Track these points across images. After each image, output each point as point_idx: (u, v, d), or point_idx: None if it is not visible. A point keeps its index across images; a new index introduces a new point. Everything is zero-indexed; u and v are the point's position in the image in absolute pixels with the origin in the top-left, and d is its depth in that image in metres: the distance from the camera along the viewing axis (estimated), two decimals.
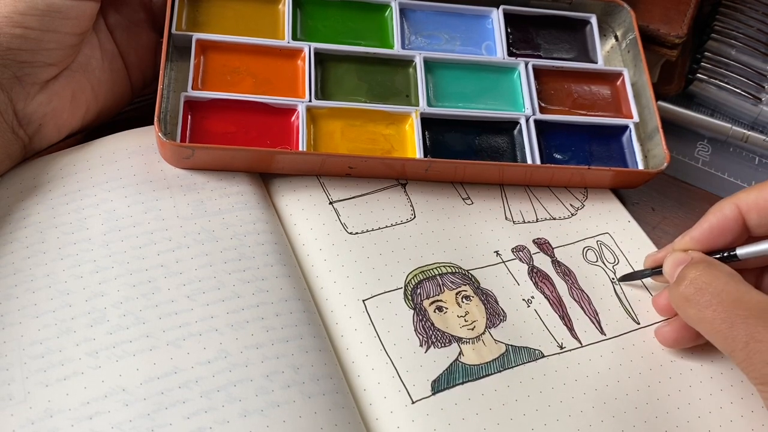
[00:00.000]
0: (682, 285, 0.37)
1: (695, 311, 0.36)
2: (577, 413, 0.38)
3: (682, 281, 0.37)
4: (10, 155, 0.42)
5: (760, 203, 0.38)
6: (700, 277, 0.37)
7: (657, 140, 0.48)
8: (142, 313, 0.38)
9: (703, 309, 0.36)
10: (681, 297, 0.37)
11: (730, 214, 0.39)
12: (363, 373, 0.39)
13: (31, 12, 0.40)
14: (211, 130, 0.44)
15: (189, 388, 0.35)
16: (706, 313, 0.36)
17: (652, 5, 0.53)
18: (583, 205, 0.48)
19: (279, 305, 0.39)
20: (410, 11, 0.51)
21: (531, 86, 0.49)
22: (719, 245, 0.39)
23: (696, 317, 0.36)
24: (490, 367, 0.39)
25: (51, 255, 0.39)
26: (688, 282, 0.37)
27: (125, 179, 0.43)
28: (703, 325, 0.36)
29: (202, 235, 0.41)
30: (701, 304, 0.36)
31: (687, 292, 0.37)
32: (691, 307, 0.37)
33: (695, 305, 0.36)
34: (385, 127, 0.46)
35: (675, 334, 0.40)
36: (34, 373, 0.35)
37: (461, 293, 0.42)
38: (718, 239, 0.39)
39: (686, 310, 0.37)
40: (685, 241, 0.40)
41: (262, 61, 0.47)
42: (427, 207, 0.46)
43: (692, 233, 0.40)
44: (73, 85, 0.44)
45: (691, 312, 0.37)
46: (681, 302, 0.37)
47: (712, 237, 0.39)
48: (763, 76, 0.56)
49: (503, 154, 0.47)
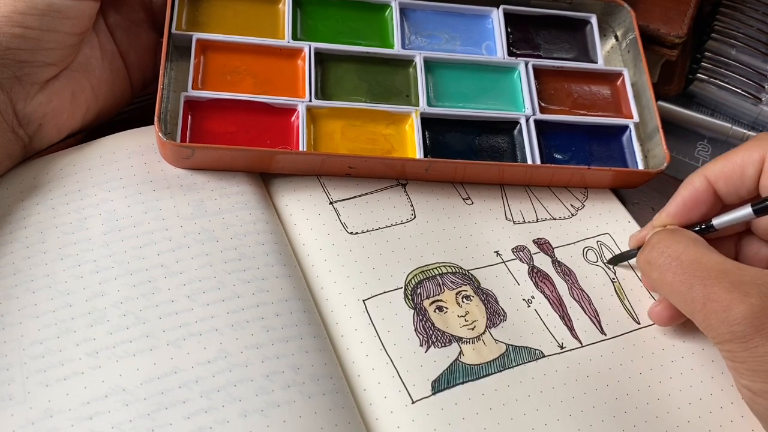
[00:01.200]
0: (645, 250, 0.39)
1: (657, 274, 0.38)
2: (577, 413, 0.38)
3: (646, 246, 0.39)
4: (10, 155, 0.42)
5: (726, 172, 0.39)
6: (661, 242, 0.38)
7: (657, 140, 0.48)
8: (142, 313, 0.38)
9: (664, 272, 0.37)
10: (644, 261, 0.39)
11: (700, 185, 0.40)
12: (363, 373, 0.38)
13: (31, 12, 0.40)
14: (211, 130, 0.44)
15: (189, 388, 0.35)
16: (666, 275, 0.37)
17: (652, 5, 0.53)
18: (583, 205, 0.48)
19: (279, 305, 0.39)
20: (410, 11, 0.51)
21: (531, 86, 0.49)
22: (695, 217, 0.40)
23: (658, 280, 0.38)
24: (490, 367, 0.39)
25: (51, 255, 0.39)
26: (651, 246, 0.38)
27: (125, 179, 0.43)
28: (664, 288, 0.38)
29: (202, 235, 0.41)
30: (662, 267, 0.37)
31: (650, 256, 0.38)
32: (653, 271, 0.38)
33: (657, 268, 0.38)
34: (385, 127, 0.46)
35: (667, 312, 0.41)
36: (34, 373, 0.35)
37: (461, 293, 0.42)
38: (693, 211, 0.40)
39: (650, 273, 0.38)
40: (662, 217, 0.41)
41: (263, 60, 0.47)
42: (428, 207, 0.46)
43: (668, 209, 0.41)
44: (73, 85, 0.43)
45: (654, 275, 0.38)
46: (644, 266, 0.39)
47: (686, 209, 0.40)
48: (763, 76, 0.56)
49: (503, 154, 0.47)
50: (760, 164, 0.38)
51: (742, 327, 0.33)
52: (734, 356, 0.35)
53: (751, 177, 0.38)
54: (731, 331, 0.34)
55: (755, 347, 0.33)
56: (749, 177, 0.38)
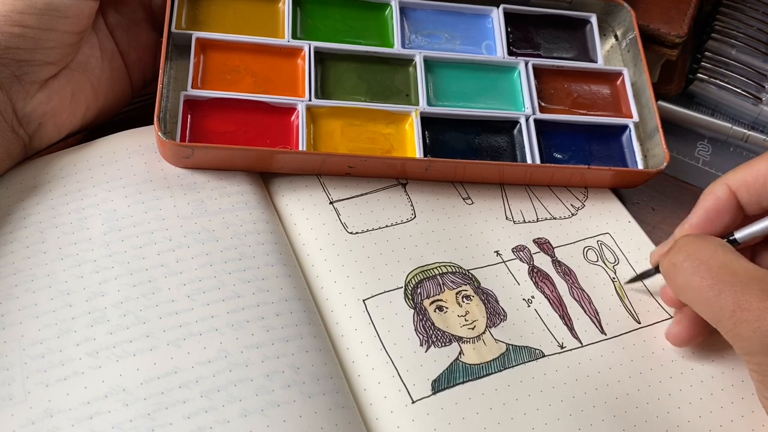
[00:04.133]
0: (671, 253, 0.37)
1: (683, 278, 0.36)
2: (577, 412, 0.38)
3: (672, 250, 0.37)
4: (10, 154, 0.42)
5: (748, 180, 0.38)
6: (689, 245, 0.36)
7: (657, 140, 0.48)
8: (142, 312, 0.38)
9: (691, 276, 0.35)
10: (669, 264, 0.37)
11: (723, 195, 0.39)
12: (363, 373, 0.38)
13: (30, 11, 0.40)
14: (211, 129, 0.44)
15: (189, 387, 0.35)
16: (693, 280, 0.35)
17: (653, 4, 0.53)
18: (583, 205, 0.48)
19: (279, 305, 0.39)
20: (410, 10, 0.51)
21: (531, 85, 0.49)
22: (718, 228, 0.39)
23: (683, 284, 0.36)
24: (490, 367, 0.39)
25: (51, 255, 0.39)
26: (677, 250, 0.37)
27: (125, 179, 0.43)
28: (689, 294, 0.36)
29: (203, 234, 0.41)
30: (689, 270, 0.35)
31: (676, 259, 0.36)
32: (678, 275, 0.36)
33: (683, 272, 0.36)
34: (385, 126, 0.46)
35: (686, 333, 0.40)
36: (34, 373, 0.35)
37: (461, 293, 0.42)
38: (716, 221, 0.39)
39: (674, 277, 0.37)
40: (685, 229, 0.40)
41: (262, 60, 0.47)
42: (428, 207, 0.46)
43: (690, 220, 0.40)
44: (72, 84, 0.43)
45: (679, 280, 0.36)
46: (669, 269, 0.37)
47: (709, 220, 0.39)
48: (763, 75, 0.56)
49: (503, 153, 0.47)
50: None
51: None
52: (763, 369, 0.33)
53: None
54: (763, 343, 0.32)
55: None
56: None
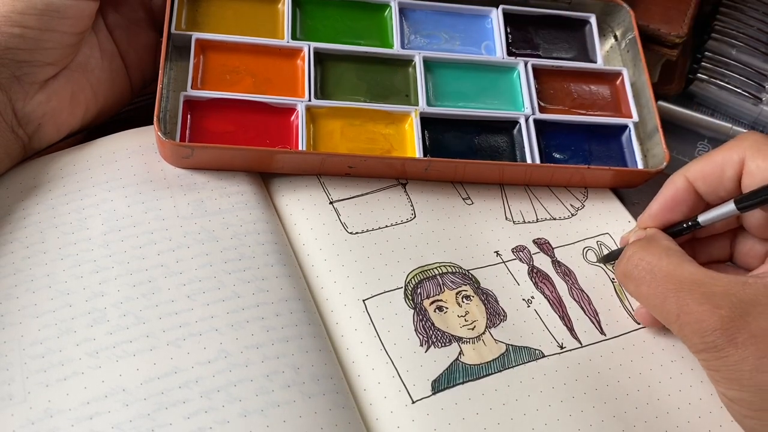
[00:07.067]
0: (621, 262, 0.39)
1: (633, 287, 0.38)
2: (577, 413, 0.38)
3: (622, 259, 0.39)
4: (9, 155, 0.42)
5: (706, 171, 0.39)
6: (636, 254, 0.38)
7: (657, 139, 0.48)
8: (142, 313, 0.38)
9: (639, 285, 0.38)
10: (621, 274, 0.39)
11: (681, 185, 0.40)
12: (363, 373, 0.38)
13: (30, 11, 0.40)
14: (210, 129, 0.44)
15: (189, 388, 0.35)
16: (642, 288, 0.37)
17: (652, 5, 0.53)
18: (583, 205, 0.48)
19: (279, 305, 0.39)
20: (410, 11, 0.51)
21: (530, 86, 0.49)
22: (677, 217, 0.41)
23: (635, 293, 0.39)
24: (490, 367, 0.39)
25: (51, 255, 0.39)
26: (626, 259, 0.39)
27: (125, 179, 0.43)
28: (641, 300, 0.39)
29: (202, 234, 0.41)
30: (637, 280, 0.38)
31: (625, 269, 0.39)
32: (629, 283, 0.39)
33: (632, 281, 0.38)
34: (385, 126, 0.46)
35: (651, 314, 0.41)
36: (34, 373, 0.35)
37: (461, 293, 0.42)
38: (675, 210, 0.40)
39: (627, 286, 0.39)
40: (645, 217, 0.42)
41: (262, 60, 0.47)
42: (427, 207, 0.46)
43: (650, 209, 0.41)
44: (72, 85, 0.43)
45: (630, 288, 0.39)
46: (621, 278, 0.39)
47: (668, 209, 0.41)
48: (763, 75, 0.56)
49: (503, 153, 0.47)
50: (740, 165, 0.38)
51: (713, 338, 0.34)
52: (709, 365, 0.35)
53: (730, 178, 0.38)
54: (704, 342, 0.34)
55: (727, 357, 0.34)
56: (728, 178, 0.38)
